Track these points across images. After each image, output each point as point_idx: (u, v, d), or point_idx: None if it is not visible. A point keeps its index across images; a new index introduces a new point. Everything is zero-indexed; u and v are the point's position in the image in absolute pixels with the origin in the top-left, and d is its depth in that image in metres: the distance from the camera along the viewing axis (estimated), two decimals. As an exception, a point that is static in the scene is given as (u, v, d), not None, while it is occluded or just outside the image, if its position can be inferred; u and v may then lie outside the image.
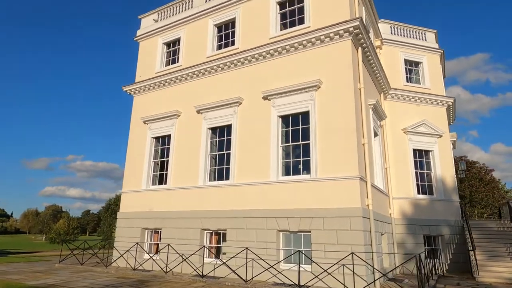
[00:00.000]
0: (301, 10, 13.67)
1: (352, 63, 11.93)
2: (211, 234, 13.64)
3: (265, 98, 13.24)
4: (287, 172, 12.52)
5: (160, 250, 14.09)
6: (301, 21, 13.52)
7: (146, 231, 15.28)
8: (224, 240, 13.08)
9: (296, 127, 12.63)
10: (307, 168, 12.08)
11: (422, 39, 19.31)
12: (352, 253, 9.92)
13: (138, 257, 14.43)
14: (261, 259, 11.41)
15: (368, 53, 13.37)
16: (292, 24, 13.79)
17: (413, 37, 19.12)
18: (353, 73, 11.84)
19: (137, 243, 14.46)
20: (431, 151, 17.40)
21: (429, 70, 18.67)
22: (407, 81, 18.29)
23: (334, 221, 10.79)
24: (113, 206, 67.91)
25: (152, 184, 15.86)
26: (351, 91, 11.58)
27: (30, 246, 58.68)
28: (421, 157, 17.39)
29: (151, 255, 14.45)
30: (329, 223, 10.86)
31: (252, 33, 14.46)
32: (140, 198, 15.63)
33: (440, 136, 17.57)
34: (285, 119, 12.91)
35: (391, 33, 18.69)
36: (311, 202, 11.36)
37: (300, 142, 12.37)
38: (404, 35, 18.94)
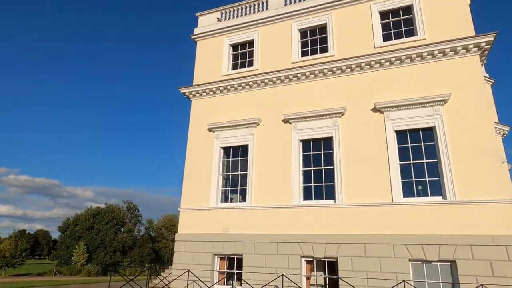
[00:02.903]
0: (409, 22, 12.93)
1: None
2: (308, 262, 11.75)
3: (376, 110, 12.05)
4: (406, 193, 11.23)
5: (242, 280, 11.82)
6: (410, 33, 12.74)
7: (216, 257, 12.90)
8: (332, 270, 11.26)
9: (416, 144, 11.51)
10: (434, 189, 10.91)
11: (474, 68, 19.58)
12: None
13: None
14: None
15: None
16: (398, 35, 12.94)
17: (467, 65, 19.31)
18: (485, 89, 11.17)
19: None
20: (494, 178, 17.20)
21: (484, 98, 18.85)
22: (468, 107, 18.23)
23: (486, 250, 9.60)
24: (72, 226, 61.14)
25: (221, 201, 13.62)
26: (488, 110, 10.82)
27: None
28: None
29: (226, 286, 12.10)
30: (480, 253, 9.64)
31: (349, 41, 13.38)
32: (207, 218, 13.29)
33: (502, 163, 17.49)
34: (401, 134, 11.75)
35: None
36: (451, 227, 10.12)
37: (424, 161, 11.23)
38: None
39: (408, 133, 11.67)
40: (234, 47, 15.85)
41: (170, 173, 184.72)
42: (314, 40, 14.34)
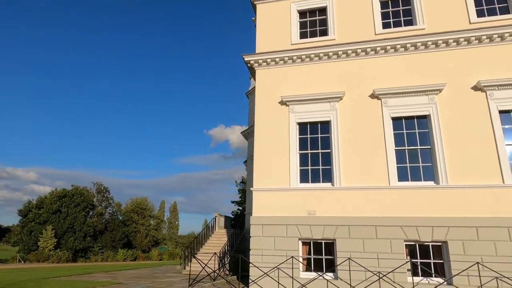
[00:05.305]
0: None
1: None
2: (406, 246, 11.09)
3: (477, 88, 11.50)
4: (512, 175, 10.89)
5: (336, 266, 10.90)
6: (505, 11, 12.29)
7: (300, 241, 11.80)
8: (438, 254, 10.71)
9: (522, 125, 11.17)
10: (543, 172, 10.67)
11: None
12: None
13: (292, 275, 10.97)
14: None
15: None
16: (493, 12, 12.42)
17: None
18: None
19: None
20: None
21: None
22: None
23: None
24: (35, 209, 55.80)
25: (300, 182, 12.43)
26: None
27: None
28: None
29: (321, 273, 11.12)
30: None
31: (440, 14, 12.63)
32: (288, 199, 12.08)
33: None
34: (505, 114, 11.32)
35: None
36: None
37: (531, 142, 10.94)
38: None
39: (512, 113, 11.30)
40: (302, 13, 14.42)
41: (125, 153, 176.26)
42: (397, 11, 13.39)
